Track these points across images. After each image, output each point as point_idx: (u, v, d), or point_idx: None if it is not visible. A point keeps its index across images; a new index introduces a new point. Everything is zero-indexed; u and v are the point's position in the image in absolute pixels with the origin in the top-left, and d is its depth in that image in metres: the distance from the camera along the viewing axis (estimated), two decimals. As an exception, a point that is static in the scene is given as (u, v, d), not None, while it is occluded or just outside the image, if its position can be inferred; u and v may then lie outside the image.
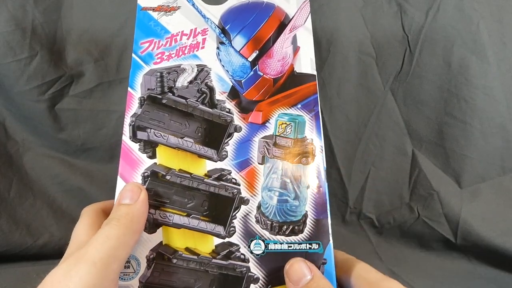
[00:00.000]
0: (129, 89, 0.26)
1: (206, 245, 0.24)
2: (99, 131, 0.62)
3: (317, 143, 0.25)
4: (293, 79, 0.27)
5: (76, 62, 0.60)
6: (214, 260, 0.24)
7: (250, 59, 0.27)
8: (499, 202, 0.62)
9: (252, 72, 0.26)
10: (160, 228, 0.25)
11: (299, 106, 0.26)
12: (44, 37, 0.58)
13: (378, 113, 0.64)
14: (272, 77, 0.26)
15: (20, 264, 0.57)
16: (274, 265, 0.24)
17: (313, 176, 0.25)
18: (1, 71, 0.57)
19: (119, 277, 0.24)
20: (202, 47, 0.26)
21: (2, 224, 0.57)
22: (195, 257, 0.24)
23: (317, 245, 0.24)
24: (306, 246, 0.24)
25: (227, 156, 0.25)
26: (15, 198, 0.60)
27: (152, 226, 0.24)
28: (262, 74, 0.26)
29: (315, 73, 0.27)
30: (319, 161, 0.25)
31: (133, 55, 0.26)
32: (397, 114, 0.64)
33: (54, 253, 0.58)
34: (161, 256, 0.24)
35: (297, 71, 0.27)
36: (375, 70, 0.63)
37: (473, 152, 0.62)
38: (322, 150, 0.25)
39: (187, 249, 0.24)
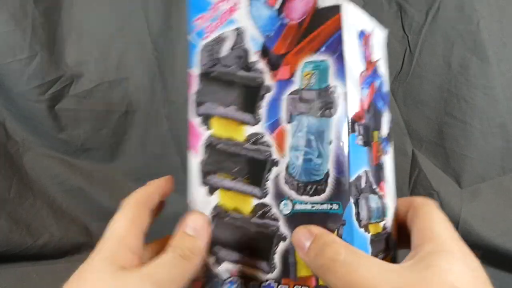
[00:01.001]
0: (189, 69, 0.27)
1: (247, 206, 0.25)
2: (99, 131, 0.62)
3: (340, 90, 0.23)
4: (317, 17, 0.24)
5: (76, 62, 0.60)
6: (252, 220, 0.25)
7: (277, 6, 0.26)
8: (499, 202, 0.62)
9: (279, 22, 0.25)
10: (217, 191, 0.26)
11: (323, 49, 0.23)
12: (44, 37, 0.58)
13: (378, 113, 0.64)
14: (297, 21, 0.25)
15: (20, 264, 0.57)
16: (300, 225, 0.24)
17: (335, 130, 0.23)
18: (1, 71, 0.57)
19: None
20: (238, 9, 0.26)
21: (2, 224, 0.57)
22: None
23: (337, 206, 0.23)
24: (327, 207, 0.23)
25: (260, 120, 0.25)
26: (15, 198, 0.60)
27: (212, 190, 0.26)
28: (288, 20, 0.25)
29: (340, 2, 0.23)
30: (342, 112, 0.23)
31: (188, 36, 0.26)
32: (397, 114, 0.64)
33: (54, 253, 0.58)
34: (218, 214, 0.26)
35: (320, 6, 0.24)
36: (375, 70, 0.63)
37: (473, 152, 0.62)
38: (345, 97, 0.23)
39: (235, 209, 0.26)
